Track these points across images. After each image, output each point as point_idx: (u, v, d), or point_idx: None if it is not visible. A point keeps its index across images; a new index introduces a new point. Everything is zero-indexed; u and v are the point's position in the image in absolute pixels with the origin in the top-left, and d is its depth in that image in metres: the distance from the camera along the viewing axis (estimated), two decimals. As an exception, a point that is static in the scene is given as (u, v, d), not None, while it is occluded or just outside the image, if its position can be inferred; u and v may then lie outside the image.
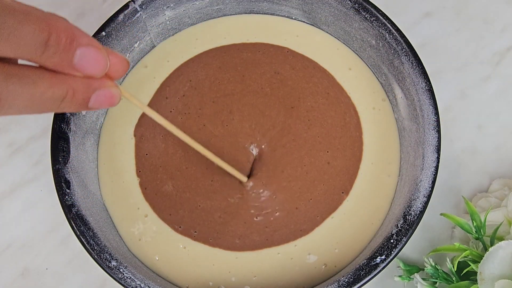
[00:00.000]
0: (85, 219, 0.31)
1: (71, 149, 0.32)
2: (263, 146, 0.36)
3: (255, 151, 0.36)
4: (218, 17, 0.40)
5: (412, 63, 0.33)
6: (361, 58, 0.38)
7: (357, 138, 0.36)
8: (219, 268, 0.34)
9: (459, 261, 0.32)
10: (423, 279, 0.33)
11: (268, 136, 0.36)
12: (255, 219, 0.34)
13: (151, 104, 0.37)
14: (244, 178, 0.34)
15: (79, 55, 0.20)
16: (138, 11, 0.35)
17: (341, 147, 0.36)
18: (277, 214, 0.34)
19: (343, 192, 0.35)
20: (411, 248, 0.37)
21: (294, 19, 0.39)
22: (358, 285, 0.29)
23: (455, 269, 0.32)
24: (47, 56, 0.19)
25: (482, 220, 0.32)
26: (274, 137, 0.36)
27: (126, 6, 0.35)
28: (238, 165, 0.35)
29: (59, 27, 0.19)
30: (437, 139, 0.32)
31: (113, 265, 0.30)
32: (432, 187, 0.31)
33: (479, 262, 0.29)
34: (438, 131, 0.32)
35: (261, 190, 0.35)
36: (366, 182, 0.35)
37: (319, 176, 0.35)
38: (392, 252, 0.30)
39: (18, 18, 0.18)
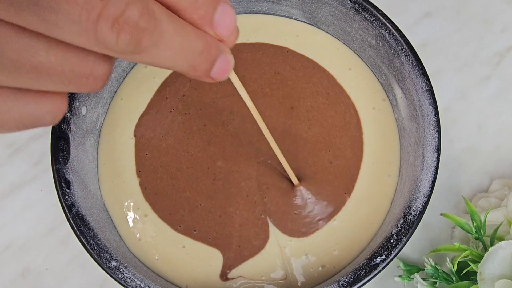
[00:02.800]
0: (85, 219, 0.31)
1: (71, 149, 0.32)
2: (264, 146, 0.36)
3: (257, 151, 0.36)
4: (218, 17, 0.40)
5: (412, 63, 0.33)
6: (361, 58, 0.38)
7: (357, 138, 0.36)
8: (219, 267, 0.34)
9: (459, 261, 0.32)
10: (423, 279, 0.33)
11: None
12: (258, 221, 0.34)
13: (151, 104, 0.37)
14: (296, 181, 0.34)
15: (219, 11, 0.18)
16: (138, 11, 0.35)
17: (342, 146, 0.36)
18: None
19: (345, 193, 0.35)
20: (411, 248, 0.37)
21: (294, 19, 0.39)
22: (358, 285, 0.29)
23: (455, 269, 0.32)
24: (195, 7, 0.18)
25: (482, 220, 0.32)
26: (275, 138, 0.36)
27: (126, 6, 0.35)
28: (241, 165, 0.35)
29: None
30: (437, 139, 0.32)
31: (113, 265, 0.30)
32: (432, 187, 0.31)
33: (479, 262, 0.29)
34: (438, 131, 0.32)
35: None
36: (366, 182, 0.35)
37: (324, 176, 0.35)
38: (392, 252, 0.30)
39: None
